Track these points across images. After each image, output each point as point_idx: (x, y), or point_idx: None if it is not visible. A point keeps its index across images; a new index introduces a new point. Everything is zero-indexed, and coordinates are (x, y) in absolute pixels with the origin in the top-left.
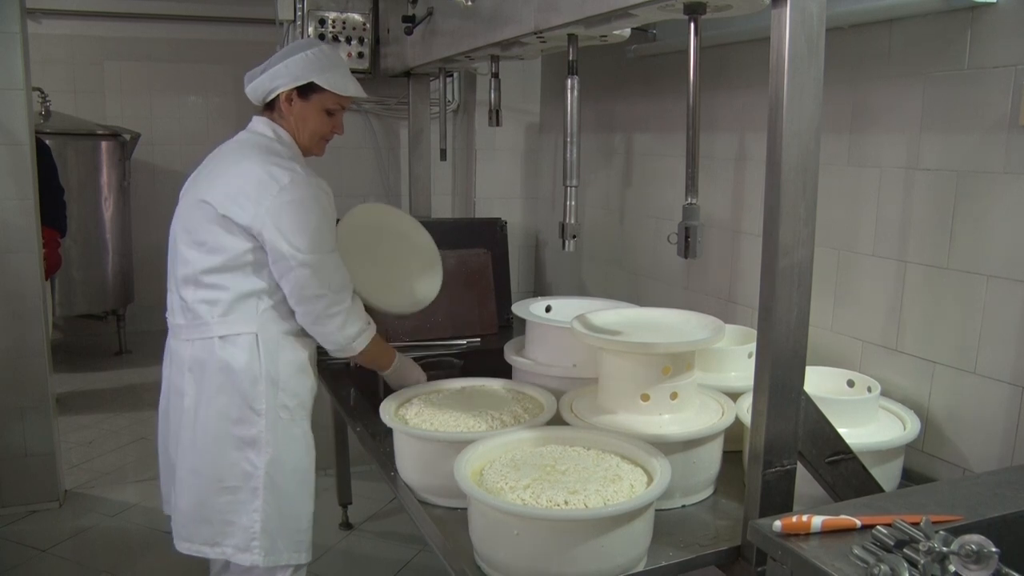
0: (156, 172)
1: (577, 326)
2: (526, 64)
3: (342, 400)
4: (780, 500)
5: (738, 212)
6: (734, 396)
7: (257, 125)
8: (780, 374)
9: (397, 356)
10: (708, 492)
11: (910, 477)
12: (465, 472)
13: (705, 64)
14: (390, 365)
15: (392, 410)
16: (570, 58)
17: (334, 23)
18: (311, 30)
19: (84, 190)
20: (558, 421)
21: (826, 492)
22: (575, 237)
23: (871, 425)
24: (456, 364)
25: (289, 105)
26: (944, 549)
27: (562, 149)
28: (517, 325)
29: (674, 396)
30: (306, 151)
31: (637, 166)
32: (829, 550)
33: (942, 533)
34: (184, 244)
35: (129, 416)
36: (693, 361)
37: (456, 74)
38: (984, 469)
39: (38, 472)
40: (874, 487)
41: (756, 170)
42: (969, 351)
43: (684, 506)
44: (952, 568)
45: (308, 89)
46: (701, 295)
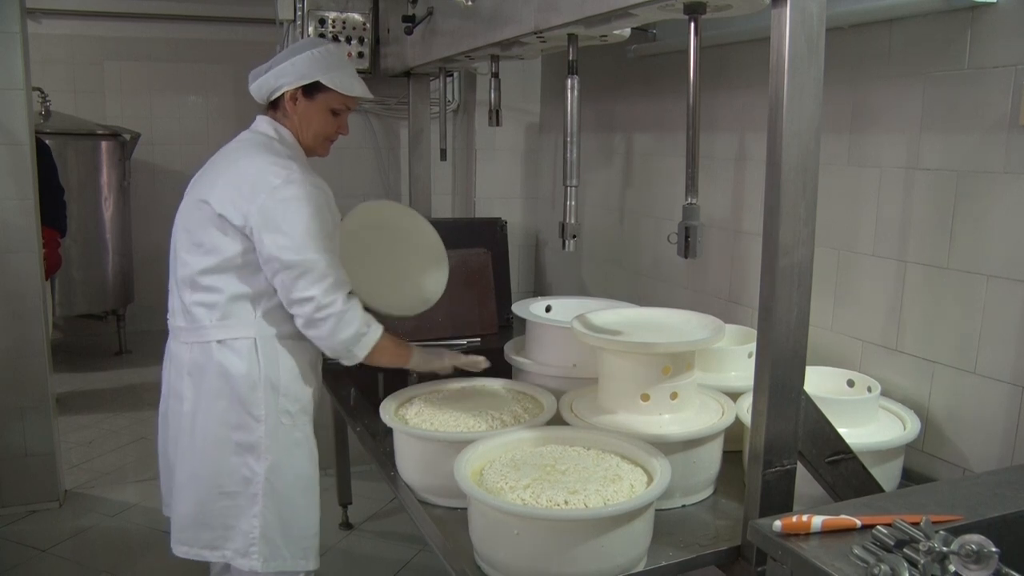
0: (156, 172)
1: (577, 326)
2: (526, 64)
3: (342, 400)
4: (780, 500)
5: (738, 212)
6: (734, 396)
7: (260, 124)
8: (780, 374)
9: (415, 351)
10: (708, 492)
11: (910, 477)
12: (465, 472)
13: (705, 64)
14: (408, 363)
15: (392, 410)
16: (570, 58)
17: (334, 23)
18: (311, 30)
19: (84, 190)
20: (558, 421)
21: (826, 492)
22: (575, 237)
23: (871, 425)
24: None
25: (293, 104)
26: (944, 549)
27: (562, 149)
28: (517, 325)
29: (674, 396)
30: (309, 151)
31: (637, 166)
32: (829, 550)
33: (942, 533)
34: (183, 245)
35: (129, 416)
36: (693, 361)
37: (456, 74)
38: (984, 469)
39: (38, 472)
40: (874, 487)
41: (756, 170)
42: (969, 351)
43: (684, 506)
44: (952, 568)
45: (313, 88)
46: (701, 295)
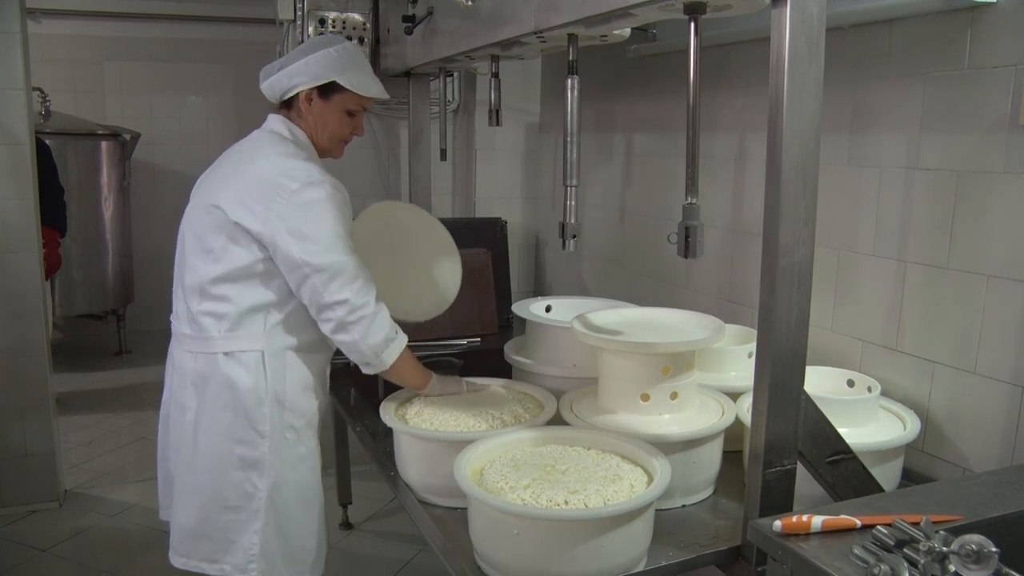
0: (156, 172)
1: (577, 326)
2: (526, 64)
3: (342, 400)
4: (780, 500)
5: (738, 212)
6: (734, 396)
7: (273, 124)
8: (780, 374)
9: (434, 375)
10: (708, 492)
11: (910, 477)
12: (465, 472)
13: (705, 64)
14: (424, 386)
15: (392, 410)
16: (570, 58)
17: (334, 23)
18: (311, 30)
19: (84, 190)
20: (558, 421)
21: (826, 492)
22: (575, 237)
23: (871, 425)
24: (456, 364)
25: (308, 105)
26: (944, 549)
27: (562, 149)
28: (517, 325)
29: (674, 396)
30: (323, 152)
31: (637, 166)
32: (829, 550)
33: (942, 533)
34: (192, 251)
35: (129, 416)
36: (693, 361)
37: (456, 74)
38: (984, 469)
39: (38, 472)
40: (874, 487)
41: (756, 170)
42: (969, 351)
43: (684, 506)
44: (952, 568)
45: (329, 89)
46: (701, 295)
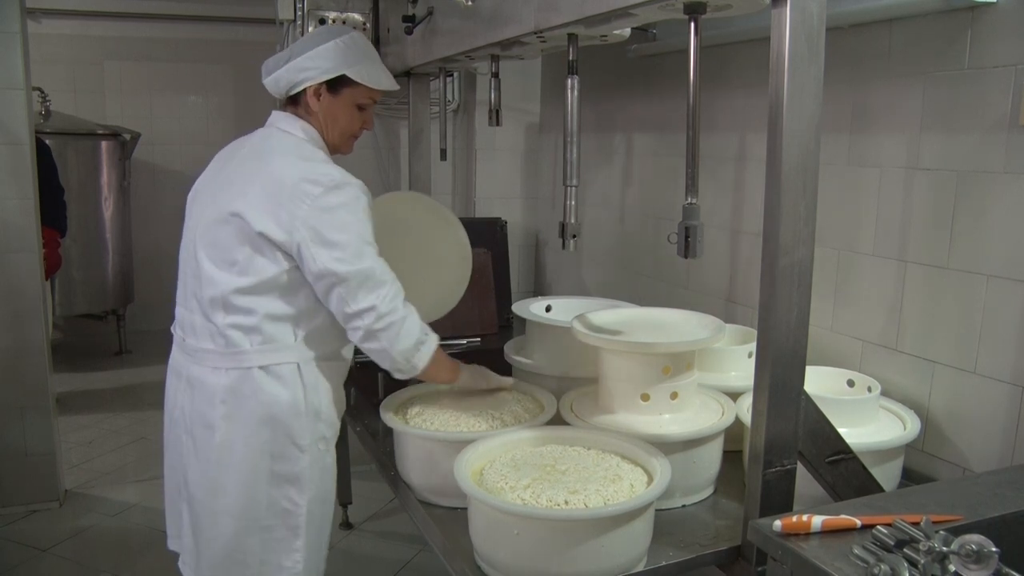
0: (156, 172)
1: (577, 326)
2: (526, 64)
3: None
4: (780, 500)
5: (738, 212)
6: (734, 396)
7: (282, 122)
8: (780, 374)
9: (464, 368)
10: (708, 492)
11: (910, 477)
12: (465, 472)
13: (705, 64)
14: (455, 380)
15: (392, 410)
16: (570, 58)
17: (334, 23)
18: (311, 30)
19: (84, 190)
20: (558, 421)
21: (826, 492)
22: (575, 237)
23: (871, 425)
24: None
25: (317, 100)
26: (944, 549)
27: (562, 149)
28: (517, 325)
29: (674, 396)
30: (334, 149)
31: (637, 166)
32: (829, 550)
33: (942, 533)
34: (210, 262)
35: (129, 416)
36: (693, 361)
37: (456, 74)
38: (984, 469)
39: (38, 472)
40: (874, 487)
41: (756, 170)
42: (969, 351)
43: (684, 506)
44: (952, 568)
45: (338, 83)
46: (701, 295)
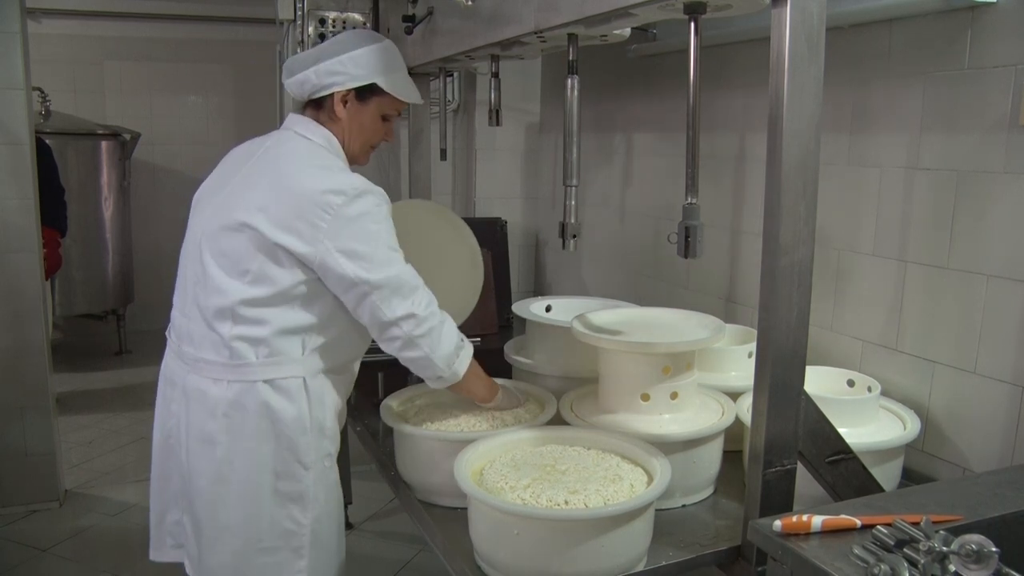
0: (156, 172)
1: (577, 326)
2: (526, 64)
3: None
4: (780, 500)
5: (738, 212)
6: (734, 396)
7: (300, 126)
8: (780, 374)
9: (500, 391)
10: (708, 492)
11: (910, 477)
12: (465, 472)
13: (705, 64)
14: (492, 398)
15: (392, 410)
16: (570, 58)
17: (334, 23)
18: (311, 30)
19: (84, 190)
20: (558, 421)
21: (826, 492)
22: (575, 237)
23: (871, 425)
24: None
25: (343, 107)
26: (944, 549)
27: (562, 149)
28: (517, 325)
29: (674, 396)
30: (352, 159)
31: (637, 166)
32: (829, 550)
33: (942, 533)
34: (220, 270)
35: (129, 416)
36: (693, 361)
37: (456, 74)
38: (984, 469)
39: (38, 472)
40: (874, 487)
41: (756, 170)
42: (969, 351)
43: (684, 506)
44: (952, 568)
45: (367, 91)
46: (701, 295)
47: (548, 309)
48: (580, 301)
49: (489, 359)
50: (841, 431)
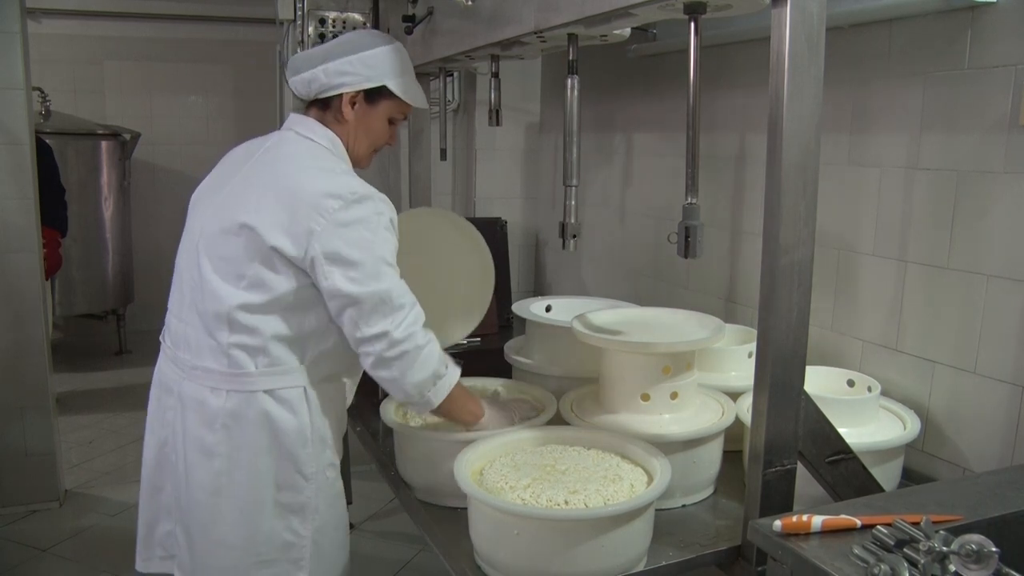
0: (156, 172)
1: (577, 326)
2: (526, 64)
3: None
4: (780, 500)
5: (738, 212)
6: (734, 396)
7: (303, 127)
8: (780, 374)
9: (487, 410)
10: (708, 492)
11: (910, 477)
12: (465, 472)
13: (705, 64)
14: (474, 423)
15: (392, 410)
16: (570, 58)
17: (334, 23)
18: (311, 30)
19: (84, 190)
20: (558, 421)
21: (826, 492)
22: (575, 237)
23: (871, 425)
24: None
25: (351, 108)
26: (944, 549)
27: (562, 149)
28: (517, 325)
29: (674, 396)
30: (356, 162)
31: (637, 166)
32: (829, 550)
33: (942, 533)
34: (216, 274)
35: (129, 416)
36: (693, 361)
37: (456, 74)
38: (984, 469)
39: (38, 472)
40: (874, 487)
41: (756, 170)
42: (969, 351)
43: (684, 506)
44: (952, 568)
45: (377, 93)
46: (701, 295)
47: (548, 309)
48: (580, 301)
49: (489, 359)
50: (841, 431)
